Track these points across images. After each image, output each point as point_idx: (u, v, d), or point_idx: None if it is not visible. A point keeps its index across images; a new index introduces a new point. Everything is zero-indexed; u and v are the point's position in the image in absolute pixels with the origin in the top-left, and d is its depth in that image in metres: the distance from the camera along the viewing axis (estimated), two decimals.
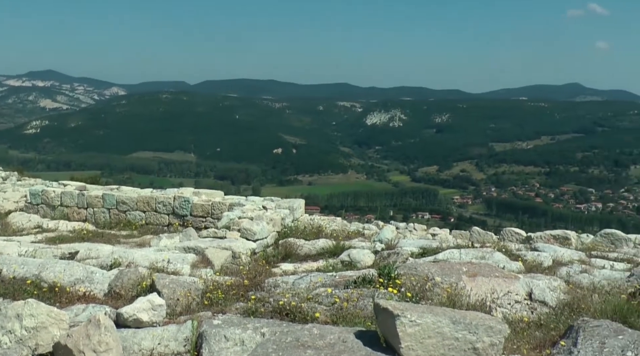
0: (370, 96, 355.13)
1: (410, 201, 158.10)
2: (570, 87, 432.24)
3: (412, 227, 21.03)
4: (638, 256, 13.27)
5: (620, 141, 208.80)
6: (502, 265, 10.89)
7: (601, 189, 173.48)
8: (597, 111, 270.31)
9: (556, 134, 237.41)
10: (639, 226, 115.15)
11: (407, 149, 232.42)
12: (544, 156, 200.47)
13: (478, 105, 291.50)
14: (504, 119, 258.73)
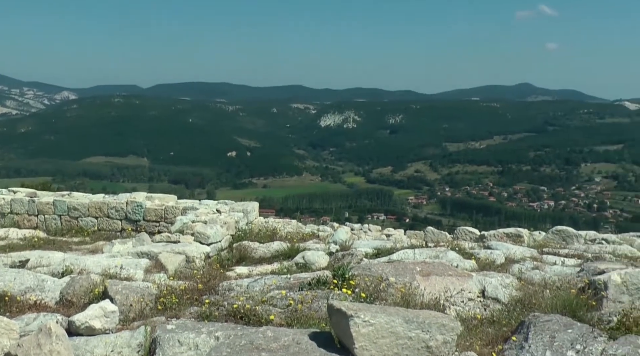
0: (324, 97, 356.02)
1: (365, 202, 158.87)
2: (522, 87, 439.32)
3: (366, 228, 21.16)
4: (588, 251, 13.52)
5: (570, 139, 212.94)
6: (455, 264, 10.99)
7: (553, 187, 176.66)
8: (548, 110, 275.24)
9: (508, 133, 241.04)
10: (590, 223, 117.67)
11: (362, 150, 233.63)
12: (497, 156, 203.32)
13: (432, 106, 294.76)
14: (458, 120, 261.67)
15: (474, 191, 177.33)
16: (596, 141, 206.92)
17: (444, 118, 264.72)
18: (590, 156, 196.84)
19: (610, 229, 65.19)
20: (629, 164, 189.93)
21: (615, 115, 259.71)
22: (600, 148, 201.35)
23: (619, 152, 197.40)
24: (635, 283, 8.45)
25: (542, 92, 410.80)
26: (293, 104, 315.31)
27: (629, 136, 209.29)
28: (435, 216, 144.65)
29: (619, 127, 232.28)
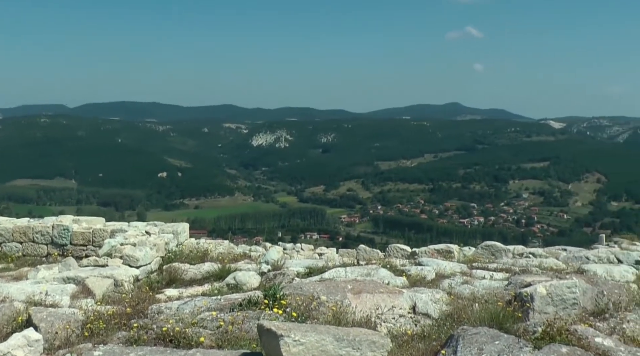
0: (256, 117, 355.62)
1: (298, 222, 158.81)
2: (451, 107, 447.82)
3: (299, 247, 21.10)
4: (516, 265, 13.82)
5: (499, 157, 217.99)
6: (387, 281, 11.07)
7: (483, 204, 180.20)
8: (477, 129, 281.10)
9: (439, 151, 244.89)
10: (518, 238, 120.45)
11: (294, 169, 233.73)
12: (428, 174, 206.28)
13: (363, 124, 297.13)
14: (389, 138, 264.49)
15: (406, 209, 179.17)
16: (523, 159, 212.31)
17: (376, 137, 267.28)
18: (518, 173, 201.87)
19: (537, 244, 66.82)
20: (554, 180, 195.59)
21: (541, 133, 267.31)
22: (527, 165, 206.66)
23: (545, 169, 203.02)
24: (559, 295, 8.69)
25: (470, 112, 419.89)
26: (225, 123, 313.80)
27: (554, 154, 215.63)
28: (368, 234, 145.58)
29: (544, 145, 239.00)
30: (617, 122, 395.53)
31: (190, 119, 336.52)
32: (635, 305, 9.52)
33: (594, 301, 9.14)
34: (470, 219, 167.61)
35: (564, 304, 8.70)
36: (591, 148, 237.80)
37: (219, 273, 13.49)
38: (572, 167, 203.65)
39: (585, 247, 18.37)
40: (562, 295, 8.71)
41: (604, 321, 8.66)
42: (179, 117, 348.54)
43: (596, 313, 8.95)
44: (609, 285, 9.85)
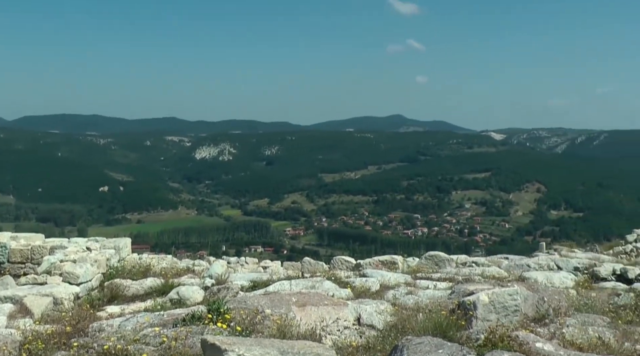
0: (199, 129, 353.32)
1: (242, 235, 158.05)
2: (394, 119, 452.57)
3: (243, 261, 20.98)
4: (459, 274, 13.98)
5: (442, 168, 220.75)
6: (331, 293, 11.07)
7: (426, 215, 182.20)
8: (419, 140, 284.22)
9: (382, 163, 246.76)
10: (461, 247, 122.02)
11: (238, 182, 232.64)
12: (372, 185, 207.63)
13: (307, 137, 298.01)
14: (333, 150, 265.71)
15: (350, 221, 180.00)
16: (465, 170, 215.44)
17: (320, 149, 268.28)
18: (460, 183, 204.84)
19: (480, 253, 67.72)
20: (496, 190, 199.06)
21: (482, 145, 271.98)
22: (469, 176, 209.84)
23: (487, 180, 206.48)
24: (501, 302, 8.82)
25: (413, 123, 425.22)
26: (167, 136, 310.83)
27: (495, 165, 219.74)
28: (312, 246, 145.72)
29: (486, 156, 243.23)
30: (556, 133, 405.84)
31: (132, 132, 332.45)
32: (575, 310, 9.75)
33: (535, 308, 9.30)
34: (414, 230, 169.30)
35: (506, 311, 8.84)
36: (531, 159, 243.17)
37: (162, 288, 13.30)
38: (513, 177, 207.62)
39: (527, 255, 18.70)
40: (504, 303, 8.85)
41: (544, 326, 8.84)
42: (121, 130, 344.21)
43: (537, 319, 9.12)
44: (549, 292, 10.04)
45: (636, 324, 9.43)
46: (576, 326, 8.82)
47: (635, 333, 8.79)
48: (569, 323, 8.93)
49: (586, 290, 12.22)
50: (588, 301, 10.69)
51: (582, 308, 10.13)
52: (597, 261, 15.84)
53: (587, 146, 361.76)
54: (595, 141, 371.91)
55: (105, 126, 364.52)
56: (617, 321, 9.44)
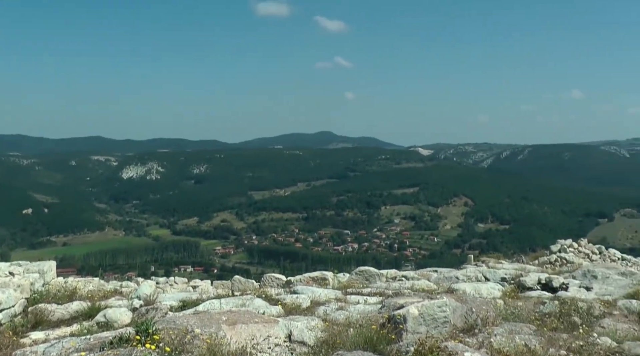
0: (126, 148, 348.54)
1: (172, 255, 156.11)
2: (323, 135, 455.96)
3: (172, 281, 20.68)
4: (389, 289, 14.07)
5: (370, 184, 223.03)
6: (262, 310, 10.99)
7: (356, 230, 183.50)
8: (348, 157, 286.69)
9: (312, 180, 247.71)
10: (391, 262, 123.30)
11: (167, 201, 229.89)
12: (302, 202, 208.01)
13: (236, 155, 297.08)
14: (262, 168, 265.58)
15: (281, 238, 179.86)
16: (394, 185, 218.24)
17: (249, 167, 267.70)
18: (389, 199, 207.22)
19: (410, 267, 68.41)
20: (424, 205, 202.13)
21: (410, 160, 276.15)
22: (398, 191, 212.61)
23: (415, 195, 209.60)
24: (431, 314, 8.92)
25: (342, 140, 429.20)
26: (93, 156, 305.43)
27: (423, 180, 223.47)
28: (243, 265, 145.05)
29: (414, 171, 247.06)
30: (481, 148, 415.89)
31: (57, 152, 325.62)
32: (502, 320, 9.94)
33: (463, 318, 9.43)
34: (344, 246, 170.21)
35: (436, 323, 8.93)
36: (458, 173, 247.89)
37: (88, 312, 12.96)
38: (441, 192, 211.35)
39: (455, 268, 18.98)
40: (434, 314, 8.95)
41: (473, 336, 8.97)
42: (45, 150, 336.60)
43: (466, 329, 9.25)
44: (477, 302, 10.20)
45: (561, 331, 9.68)
46: (504, 335, 8.98)
47: (560, 339, 9.02)
48: (497, 332, 9.08)
49: (513, 300, 12.46)
50: (515, 311, 10.92)
51: (509, 317, 10.33)
52: (523, 272, 16.19)
53: (512, 160, 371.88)
54: (519, 155, 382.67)
55: (29, 146, 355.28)
56: (542, 328, 9.67)
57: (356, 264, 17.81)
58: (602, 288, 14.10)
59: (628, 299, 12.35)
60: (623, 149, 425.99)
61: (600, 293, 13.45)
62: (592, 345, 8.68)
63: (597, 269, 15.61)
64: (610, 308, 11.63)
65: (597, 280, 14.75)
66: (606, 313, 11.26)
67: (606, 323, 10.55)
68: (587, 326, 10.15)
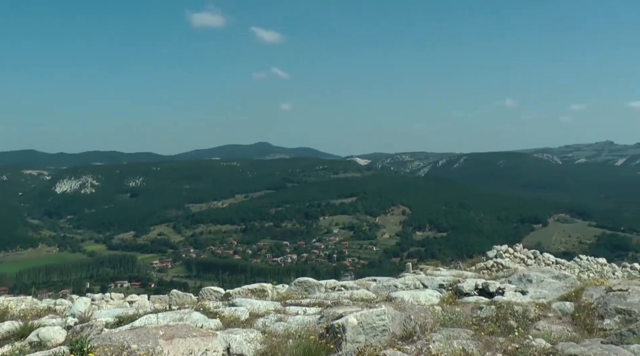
0: (60, 162, 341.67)
1: (108, 271, 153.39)
2: (260, 147, 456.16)
3: (108, 297, 20.29)
4: (328, 299, 14.04)
5: (309, 194, 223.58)
6: (200, 324, 10.85)
7: (295, 241, 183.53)
8: (286, 168, 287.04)
9: (250, 191, 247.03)
10: (331, 272, 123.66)
11: (102, 216, 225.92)
12: (240, 214, 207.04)
13: (172, 167, 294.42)
14: (199, 180, 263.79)
15: (219, 251, 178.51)
16: (332, 195, 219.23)
17: (186, 179, 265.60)
18: (328, 209, 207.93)
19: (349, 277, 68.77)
20: (362, 215, 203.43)
21: (348, 170, 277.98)
22: (336, 201, 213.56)
23: (353, 204, 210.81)
24: (370, 323, 8.95)
25: (280, 151, 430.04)
26: (25, 170, 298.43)
27: (361, 189, 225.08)
28: (181, 278, 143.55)
29: (352, 181, 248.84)
30: (418, 157, 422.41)
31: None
32: (440, 326, 10.04)
33: (402, 326, 9.48)
34: (283, 257, 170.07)
35: (375, 331, 8.96)
36: (395, 182, 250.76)
37: (20, 332, 12.58)
38: (379, 201, 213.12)
39: (394, 276, 19.09)
40: (372, 323, 8.97)
41: (412, 343, 9.02)
42: None
43: (405, 336, 9.31)
44: (415, 309, 10.27)
45: (497, 335, 9.83)
46: (442, 340, 9.07)
47: (497, 343, 9.16)
48: (435, 338, 9.16)
49: (451, 306, 12.59)
50: (452, 316, 11.04)
51: (447, 323, 10.44)
52: (460, 278, 16.38)
53: (448, 168, 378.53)
54: (455, 163, 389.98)
55: None
56: (480, 333, 9.81)
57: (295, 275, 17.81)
58: (537, 291, 14.35)
59: (562, 301, 12.65)
60: (555, 156, 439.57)
61: (535, 297, 13.69)
62: (527, 347, 8.84)
63: (532, 273, 15.89)
64: (545, 311, 11.87)
65: (532, 284, 15.01)
66: (541, 316, 11.48)
67: (541, 325, 10.78)
68: (523, 329, 10.33)
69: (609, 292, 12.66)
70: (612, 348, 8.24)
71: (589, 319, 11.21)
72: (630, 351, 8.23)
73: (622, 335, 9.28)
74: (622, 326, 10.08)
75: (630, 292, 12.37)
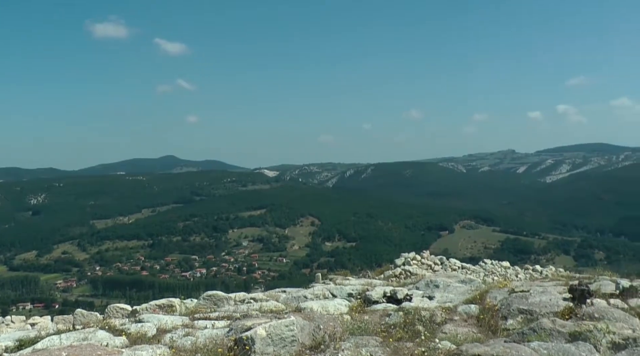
0: None
1: (9, 293, 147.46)
2: (167, 160, 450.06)
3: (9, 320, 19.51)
4: (237, 311, 13.94)
5: (217, 207, 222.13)
6: (105, 343, 10.57)
7: (204, 255, 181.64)
8: (194, 181, 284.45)
9: (157, 206, 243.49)
10: (241, 285, 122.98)
11: (1, 235, 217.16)
12: (147, 229, 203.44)
13: (76, 182, 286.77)
14: (104, 195, 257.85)
15: (126, 267, 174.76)
16: (241, 208, 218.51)
17: (91, 194, 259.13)
18: (237, 222, 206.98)
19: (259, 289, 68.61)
20: (272, 226, 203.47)
21: (257, 182, 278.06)
22: (245, 214, 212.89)
23: (262, 217, 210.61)
24: (279, 334, 8.94)
25: (186, 164, 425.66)
26: None
27: (270, 201, 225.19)
28: (87, 297, 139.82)
29: (260, 193, 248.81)
30: (326, 168, 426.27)
31: None
32: (349, 334, 10.12)
33: (311, 336, 9.49)
34: (192, 272, 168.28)
35: (284, 342, 8.94)
36: (304, 194, 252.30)
37: None
38: (288, 212, 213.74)
39: (304, 287, 19.11)
40: (281, 334, 8.96)
41: (321, 353, 9.05)
42: None
43: (314, 346, 9.32)
44: (324, 319, 10.30)
45: (405, 340, 9.98)
46: (351, 349, 9.14)
47: (405, 348, 9.31)
48: (344, 347, 9.22)
49: (360, 314, 12.69)
50: (361, 324, 11.13)
51: (356, 331, 10.51)
52: (369, 286, 16.55)
53: (356, 178, 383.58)
54: (363, 174, 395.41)
55: None
56: (388, 339, 9.93)
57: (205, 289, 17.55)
58: (443, 296, 14.65)
59: (467, 304, 12.97)
60: (460, 164, 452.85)
61: (442, 301, 13.97)
62: (434, 350, 9.04)
63: (439, 278, 16.23)
64: (451, 314, 12.13)
65: (439, 289, 15.32)
66: (448, 319, 11.73)
67: (448, 328, 11.01)
68: (430, 333, 10.53)
69: (512, 294, 13.08)
70: (514, 346, 8.50)
71: (493, 320, 11.53)
72: (530, 348, 8.52)
73: (523, 334, 9.60)
74: (524, 326, 10.41)
75: (531, 293, 12.81)
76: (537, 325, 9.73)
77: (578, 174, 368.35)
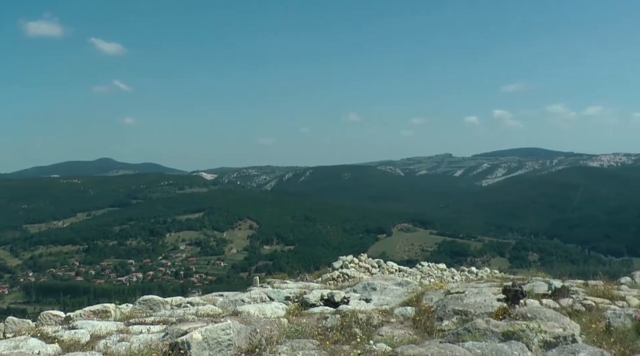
0: None
1: None
2: (102, 162, 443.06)
3: None
4: (174, 316, 13.82)
5: (154, 211, 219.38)
6: (37, 351, 10.39)
7: (140, 259, 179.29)
8: (130, 184, 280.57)
9: (92, 209, 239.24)
10: (178, 289, 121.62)
11: None
12: (82, 233, 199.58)
13: (8, 185, 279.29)
14: (38, 199, 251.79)
15: (60, 273, 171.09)
16: (178, 211, 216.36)
17: (23, 198, 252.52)
18: (174, 225, 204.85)
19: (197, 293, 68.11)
20: (209, 230, 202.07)
21: (194, 185, 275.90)
22: (182, 217, 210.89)
23: (200, 220, 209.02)
24: (215, 338, 8.91)
25: (123, 167, 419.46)
26: None
27: (208, 204, 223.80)
28: (19, 305, 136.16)
29: (198, 196, 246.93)
30: (265, 171, 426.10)
31: None
32: (286, 337, 10.14)
33: (248, 340, 9.49)
34: (128, 277, 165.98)
35: (220, 346, 8.92)
36: (242, 197, 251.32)
37: None
38: (226, 216, 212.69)
39: (242, 291, 19.04)
40: (218, 338, 8.93)
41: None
42: None
43: (250, 350, 9.33)
44: (261, 322, 10.32)
45: (342, 343, 10.05)
46: (287, 352, 9.16)
47: (341, 351, 9.38)
48: (281, 351, 9.24)
49: (297, 317, 12.72)
50: (298, 328, 11.17)
51: (293, 335, 10.54)
52: (307, 289, 16.60)
53: (294, 182, 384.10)
54: (301, 177, 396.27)
55: None
56: (325, 342, 9.98)
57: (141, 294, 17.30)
58: (380, 298, 14.79)
59: (404, 306, 13.14)
60: (398, 168, 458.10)
61: (378, 304, 14.10)
62: (369, 352, 9.14)
63: (376, 281, 16.38)
64: (388, 317, 12.26)
65: (376, 291, 15.46)
66: (384, 322, 11.85)
67: (384, 330, 11.12)
68: (366, 335, 10.62)
69: (448, 295, 13.29)
70: (449, 346, 8.65)
71: (428, 321, 11.71)
72: (465, 348, 8.67)
73: (458, 334, 9.77)
74: (459, 326, 10.60)
75: (466, 294, 13.04)
76: (472, 325, 9.91)
77: (513, 178, 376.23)
